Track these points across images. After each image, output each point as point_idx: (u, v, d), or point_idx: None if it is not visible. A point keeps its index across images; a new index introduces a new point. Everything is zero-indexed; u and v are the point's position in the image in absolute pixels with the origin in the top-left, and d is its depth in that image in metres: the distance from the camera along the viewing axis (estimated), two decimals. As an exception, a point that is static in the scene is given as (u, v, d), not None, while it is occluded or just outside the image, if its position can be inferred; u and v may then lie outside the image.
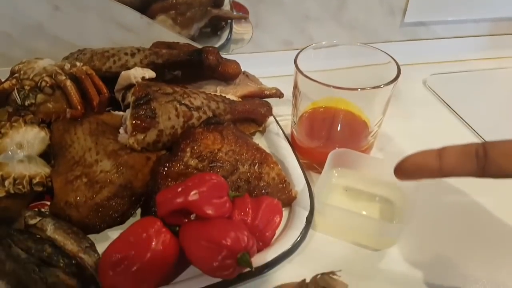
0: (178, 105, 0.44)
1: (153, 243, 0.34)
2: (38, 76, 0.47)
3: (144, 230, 0.35)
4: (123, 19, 0.64)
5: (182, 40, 0.69)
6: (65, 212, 0.39)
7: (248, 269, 0.35)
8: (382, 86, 0.43)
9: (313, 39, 0.76)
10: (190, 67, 0.53)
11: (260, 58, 0.73)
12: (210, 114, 0.47)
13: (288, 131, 0.55)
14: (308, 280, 0.30)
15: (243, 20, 0.76)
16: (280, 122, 0.57)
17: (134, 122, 0.41)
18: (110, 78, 0.51)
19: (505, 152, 0.28)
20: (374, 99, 0.46)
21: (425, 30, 0.77)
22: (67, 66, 0.48)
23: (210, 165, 0.42)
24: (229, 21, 0.80)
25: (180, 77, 0.56)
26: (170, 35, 0.67)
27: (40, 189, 0.41)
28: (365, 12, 0.73)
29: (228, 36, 0.79)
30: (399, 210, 0.43)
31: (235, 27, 0.80)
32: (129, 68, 0.52)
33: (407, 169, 0.32)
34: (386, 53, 0.47)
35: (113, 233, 0.41)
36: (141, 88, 0.43)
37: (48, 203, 0.43)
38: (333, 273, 0.29)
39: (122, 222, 0.41)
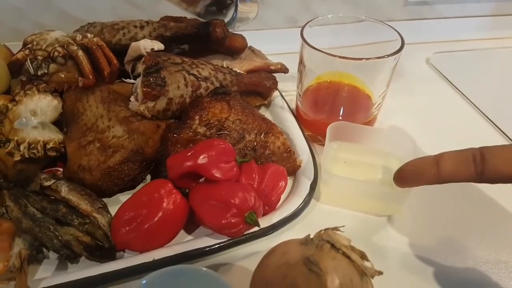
0: (186, 75, 0.45)
1: (165, 203, 0.36)
2: (51, 47, 0.48)
3: (156, 190, 0.37)
4: (131, -6, 0.65)
5: (189, 16, 0.69)
6: (78, 176, 0.41)
7: (255, 228, 0.37)
8: (385, 56, 0.44)
9: (317, 17, 0.76)
10: (198, 40, 0.54)
11: (264, 35, 0.74)
12: (217, 84, 0.48)
13: (292, 105, 0.56)
14: (312, 236, 0.32)
15: (248, -2, 0.77)
16: (285, 97, 0.58)
17: (144, 89, 0.42)
18: (120, 50, 0.52)
19: (505, 158, 0.29)
20: (378, 71, 0.47)
21: (428, 9, 0.77)
22: (79, 37, 0.49)
23: (218, 133, 0.43)
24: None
25: (187, 51, 0.57)
26: (177, 11, 0.68)
27: (53, 154, 0.43)
28: (370, -10, 0.73)
29: (233, 14, 0.79)
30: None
31: (240, 6, 0.80)
32: (138, 40, 0.53)
33: (406, 177, 0.34)
34: (390, 26, 0.48)
35: (124, 197, 0.42)
36: (151, 57, 0.44)
37: (61, 169, 0.45)
38: (336, 228, 0.31)
39: (133, 186, 0.43)
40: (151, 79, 0.43)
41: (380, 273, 0.28)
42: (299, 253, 0.29)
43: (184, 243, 0.37)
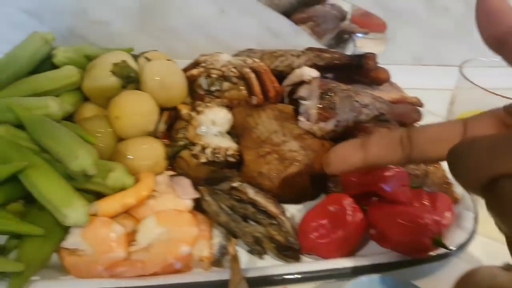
0: (352, 101, 0.49)
1: (349, 216, 0.39)
2: (225, 67, 0.54)
3: (339, 203, 0.40)
4: (275, 26, 0.72)
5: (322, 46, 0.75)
6: (256, 181, 0.45)
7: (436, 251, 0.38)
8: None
9: (441, 57, 0.79)
10: (346, 70, 0.59)
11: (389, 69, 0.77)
12: (375, 112, 0.51)
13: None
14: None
15: (376, 33, 0.82)
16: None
17: (320, 111, 0.47)
18: (275, 76, 0.57)
19: (429, 137, 0.27)
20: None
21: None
22: (250, 61, 0.55)
23: (382, 157, 0.46)
24: (352, 34, 0.86)
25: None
26: (312, 43, 0.74)
27: (232, 160, 0.48)
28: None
29: (354, 49, 0.84)
30: None
31: (358, 42, 0.87)
32: (293, 68, 0.59)
33: (332, 162, 0.30)
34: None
35: (290, 207, 0.46)
36: (324, 83, 0.49)
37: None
38: (538, 259, 0.32)
39: (299, 201, 0.47)
40: (326, 102, 0.47)
41: None
42: (509, 277, 0.31)
43: (371, 256, 0.39)
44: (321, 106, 0.47)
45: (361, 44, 0.87)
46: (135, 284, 0.34)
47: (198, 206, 0.43)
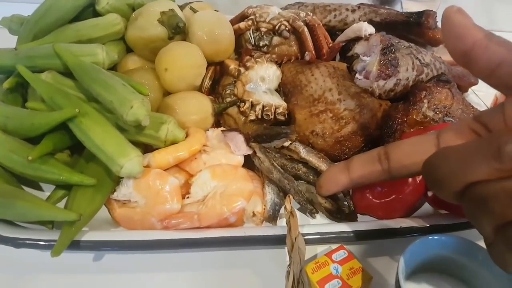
0: (414, 59, 0.46)
1: (410, 179, 0.37)
2: (276, 20, 0.51)
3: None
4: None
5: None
6: (309, 140, 0.43)
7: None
8: None
9: (495, 22, 0.74)
10: (402, 28, 0.55)
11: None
12: (435, 72, 0.48)
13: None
14: None
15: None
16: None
17: (380, 68, 0.44)
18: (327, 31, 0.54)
19: (405, 151, 0.28)
20: None
21: None
22: (303, 14, 0.52)
23: (444, 118, 0.43)
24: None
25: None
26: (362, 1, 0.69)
27: (282, 118, 0.46)
28: None
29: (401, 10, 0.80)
30: None
31: (404, 3, 0.82)
32: (346, 24, 0.55)
33: (324, 184, 0.33)
34: None
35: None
36: (386, 39, 0.45)
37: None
38: None
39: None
40: (388, 59, 0.44)
41: None
42: None
43: (426, 217, 0.38)
44: (382, 62, 0.44)
45: (408, 6, 0.81)
46: (192, 236, 0.34)
47: (246, 163, 0.42)
